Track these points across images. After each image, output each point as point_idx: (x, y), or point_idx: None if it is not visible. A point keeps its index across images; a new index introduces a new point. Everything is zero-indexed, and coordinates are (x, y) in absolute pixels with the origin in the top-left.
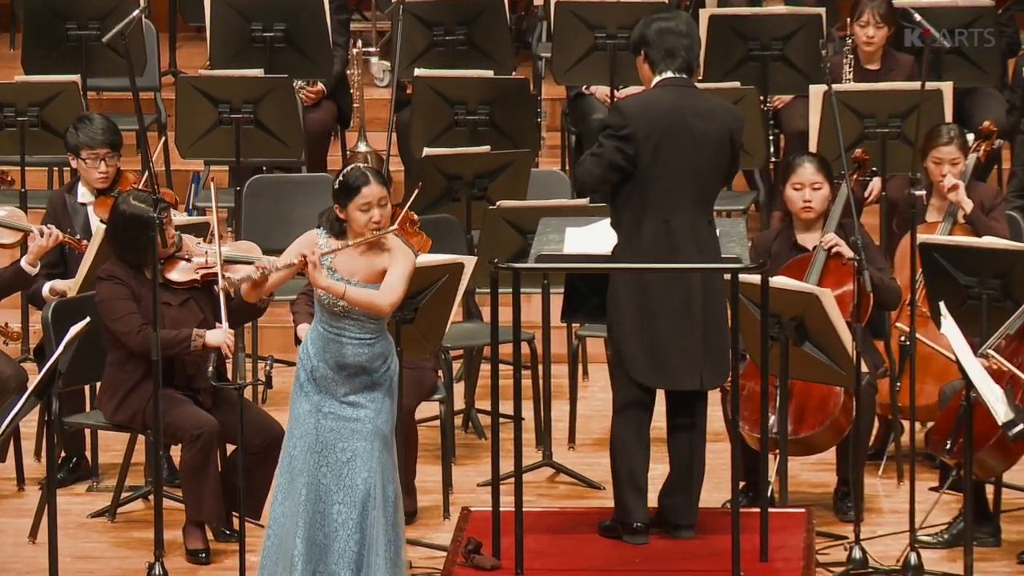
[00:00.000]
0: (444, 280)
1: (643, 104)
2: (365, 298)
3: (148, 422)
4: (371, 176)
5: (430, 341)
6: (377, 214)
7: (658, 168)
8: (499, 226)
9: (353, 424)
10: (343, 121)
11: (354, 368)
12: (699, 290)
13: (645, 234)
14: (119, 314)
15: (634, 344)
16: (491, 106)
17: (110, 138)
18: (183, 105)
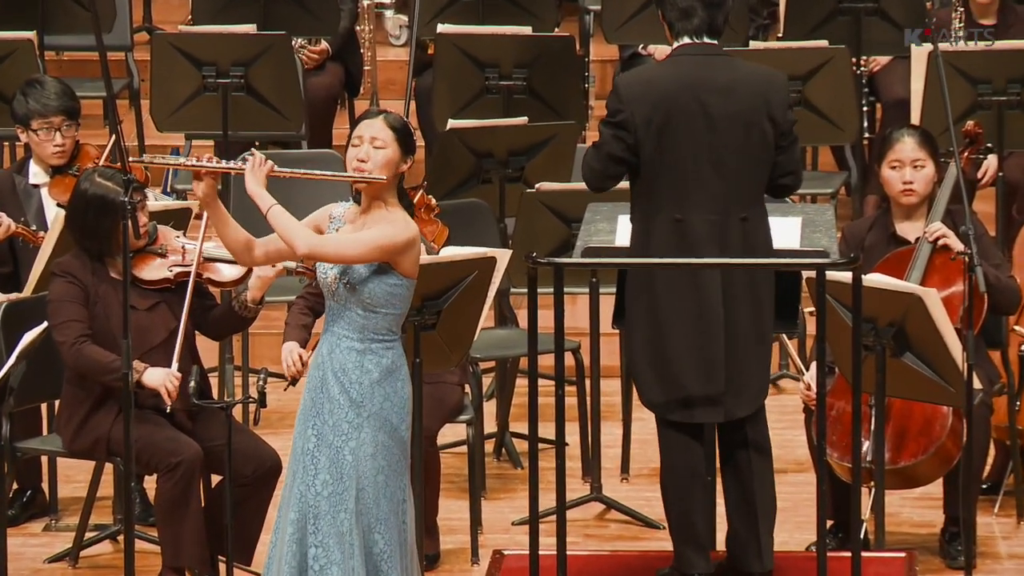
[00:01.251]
0: (472, 278)
1: (644, 81)
2: (285, 226)
3: (116, 448)
4: (385, 115)
5: (455, 351)
6: (364, 152)
7: (665, 158)
8: (538, 213)
9: (333, 453)
10: (351, 87)
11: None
12: (717, 297)
13: (654, 236)
14: (59, 319)
15: (644, 364)
16: (529, 69)
17: (65, 104)
18: (160, 68)
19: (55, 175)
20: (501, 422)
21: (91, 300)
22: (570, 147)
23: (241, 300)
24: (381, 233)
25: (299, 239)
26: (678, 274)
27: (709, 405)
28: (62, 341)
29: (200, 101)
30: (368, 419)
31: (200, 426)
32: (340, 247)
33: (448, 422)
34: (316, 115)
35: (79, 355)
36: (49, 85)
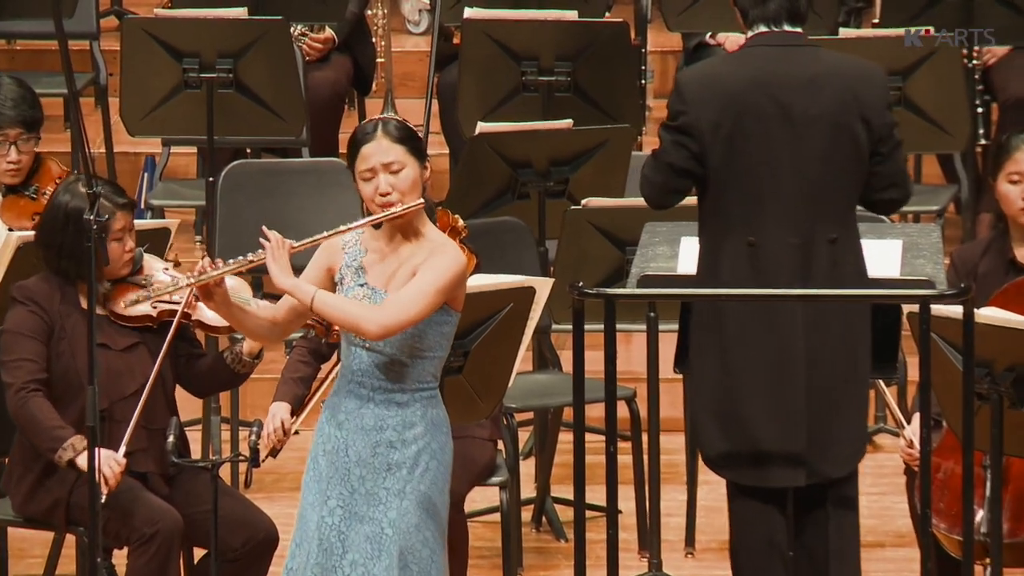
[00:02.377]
0: (506, 312)
1: (711, 78)
2: (344, 310)
3: (79, 516)
4: (384, 127)
5: (486, 400)
6: (384, 183)
7: (736, 169)
8: (586, 234)
9: (368, 527)
10: (361, 83)
11: (376, 437)
12: (799, 335)
13: (723, 263)
14: (12, 355)
15: (708, 416)
16: (574, 62)
17: (24, 113)
18: (132, 60)
19: (8, 194)
20: (541, 485)
21: (55, 335)
22: (623, 156)
23: (235, 352)
24: (438, 275)
25: (369, 323)
26: (752, 308)
27: (787, 466)
28: (9, 383)
29: (180, 100)
30: (413, 483)
31: (180, 490)
32: (410, 310)
33: (478, 485)
34: (319, 116)
35: (23, 406)
36: (5, 87)
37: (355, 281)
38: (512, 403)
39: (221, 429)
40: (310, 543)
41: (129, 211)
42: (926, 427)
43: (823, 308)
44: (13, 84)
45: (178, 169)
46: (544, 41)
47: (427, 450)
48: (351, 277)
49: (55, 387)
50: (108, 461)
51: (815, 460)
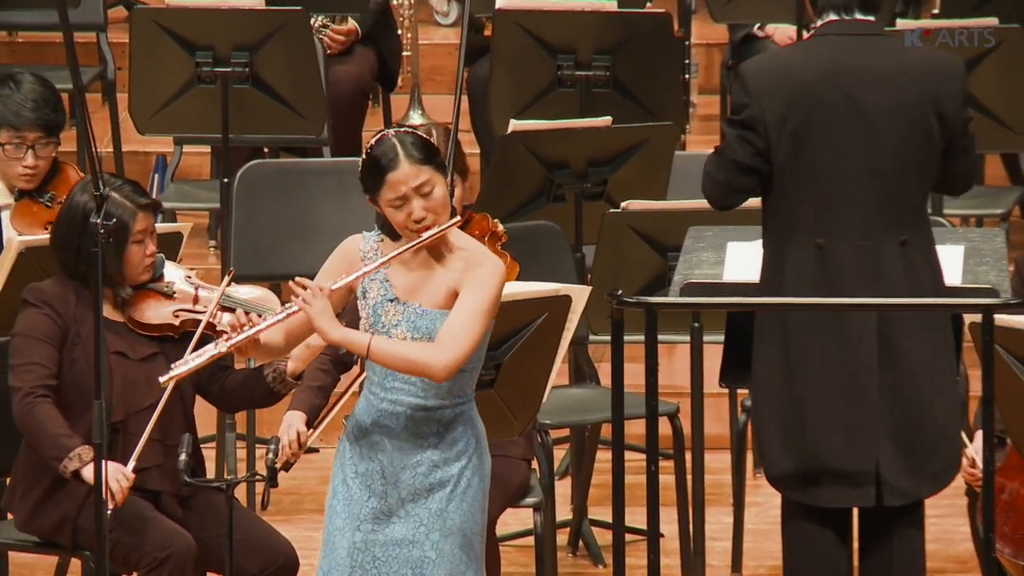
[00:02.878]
0: (540, 322)
1: (777, 69)
2: (404, 356)
3: (84, 539)
4: (405, 149)
5: (519, 416)
6: (419, 208)
7: (803, 166)
8: (625, 239)
9: (407, 551)
10: (386, 78)
11: (415, 457)
12: (873, 346)
13: (789, 266)
14: (22, 359)
15: (772, 431)
16: (614, 56)
17: (46, 116)
18: (142, 53)
19: (22, 198)
20: (578, 506)
21: (69, 340)
22: (665, 155)
23: (279, 370)
24: (485, 293)
25: (436, 367)
26: (819, 314)
27: (857, 485)
28: (17, 387)
29: (193, 95)
30: (455, 502)
31: (193, 512)
32: (469, 340)
33: (510, 506)
34: (341, 114)
35: (29, 411)
36: (26, 86)
37: (383, 295)
38: (547, 419)
39: (236, 447)
40: (341, 570)
41: (151, 212)
42: (989, 445)
43: (897, 314)
44: (35, 83)
45: (191, 169)
46: (581, 33)
47: (470, 466)
48: (377, 291)
49: (67, 395)
50: (116, 475)
51: (888, 480)
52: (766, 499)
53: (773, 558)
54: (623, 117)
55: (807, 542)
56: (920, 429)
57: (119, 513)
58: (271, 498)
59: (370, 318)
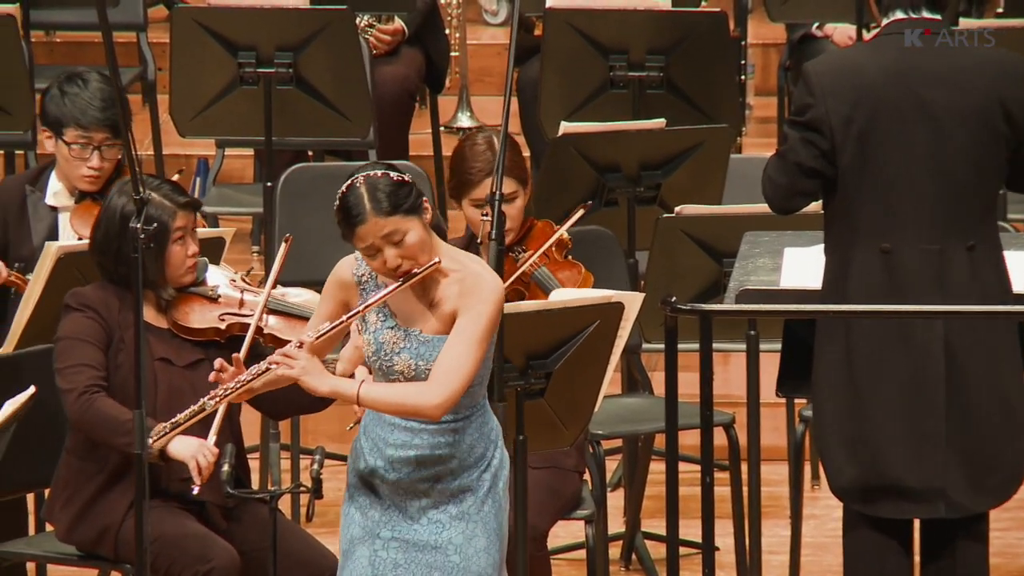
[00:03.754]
0: (592, 330)
1: (842, 68)
2: (395, 402)
3: (125, 552)
4: (373, 200)
5: (570, 426)
6: (393, 257)
7: (869, 169)
8: (680, 245)
9: (430, 556)
10: (433, 79)
11: (427, 466)
12: (940, 355)
13: (853, 271)
14: (69, 361)
15: (836, 441)
16: (667, 56)
17: (113, 115)
18: (183, 53)
19: (83, 199)
20: (631, 519)
21: (114, 345)
22: (720, 158)
23: None
24: (480, 322)
25: (428, 407)
26: (884, 322)
27: (924, 497)
28: (69, 389)
29: (235, 97)
30: (476, 504)
31: (237, 523)
32: (462, 373)
33: (561, 518)
34: (387, 116)
35: (88, 408)
36: (93, 85)
37: (383, 323)
38: (599, 429)
39: (280, 457)
40: None
41: (190, 210)
42: None
43: (963, 322)
44: (102, 82)
45: (233, 173)
46: (634, 33)
47: (489, 469)
48: (377, 318)
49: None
50: (201, 451)
51: (956, 491)
52: (824, 511)
53: (832, 572)
54: (677, 119)
55: (868, 553)
56: (984, 441)
57: (161, 525)
58: (315, 510)
59: (372, 345)
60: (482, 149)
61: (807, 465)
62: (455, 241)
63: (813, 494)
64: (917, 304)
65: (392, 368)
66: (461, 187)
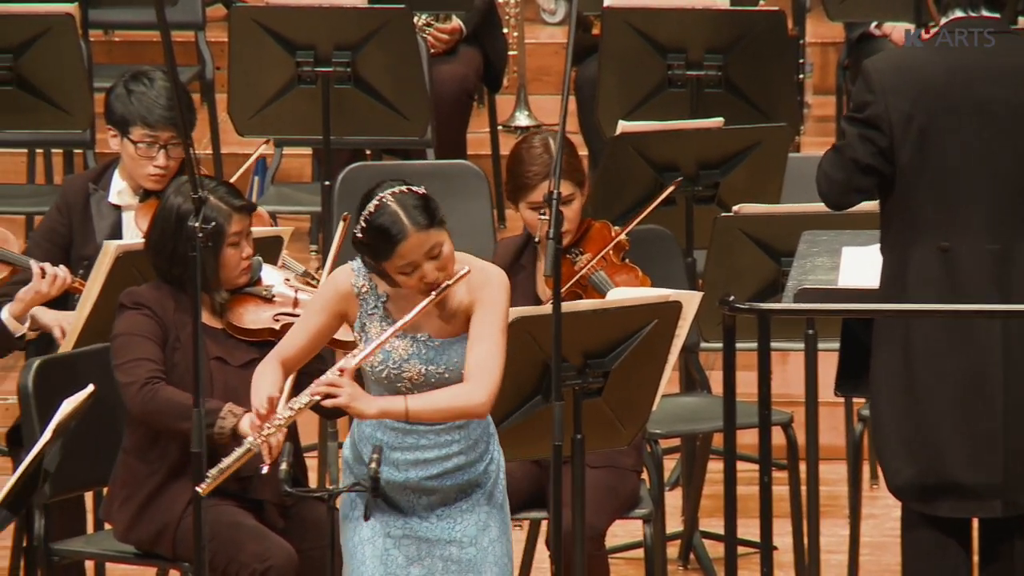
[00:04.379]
0: (650, 329)
1: (901, 66)
2: (443, 408)
3: (184, 550)
4: (410, 217)
5: (628, 425)
6: (431, 271)
7: (928, 166)
8: (738, 244)
9: (445, 551)
10: (491, 79)
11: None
12: (998, 353)
13: (912, 270)
14: (127, 357)
15: (893, 442)
16: (726, 55)
17: (177, 115)
18: (241, 52)
19: (146, 198)
20: (689, 518)
21: (169, 344)
22: (779, 158)
23: None
24: (498, 311)
25: (475, 406)
26: (942, 321)
27: (983, 495)
28: (130, 382)
29: (293, 96)
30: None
31: (295, 523)
32: (498, 363)
33: (619, 518)
34: (445, 115)
35: (152, 398)
36: (159, 84)
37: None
38: (657, 428)
39: (338, 456)
40: None
41: (246, 214)
42: None
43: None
44: (167, 81)
45: (291, 172)
46: (692, 32)
47: (493, 461)
48: (379, 328)
49: None
50: None
51: (1014, 490)
52: (883, 511)
53: (890, 571)
54: (735, 118)
55: (927, 552)
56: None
57: (218, 524)
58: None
59: (377, 355)
60: (538, 152)
61: (866, 464)
62: (512, 241)
63: (872, 493)
64: (976, 303)
65: (400, 375)
66: (518, 191)
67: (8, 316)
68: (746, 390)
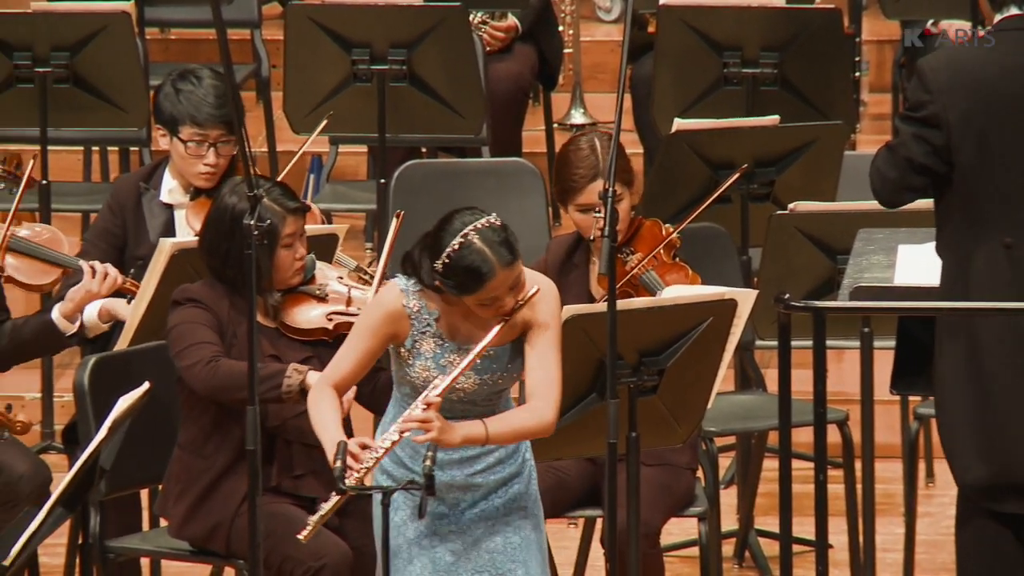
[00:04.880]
0: (705, 327)
1: (958, 65)
2: (517, 431)
3: (238, 547)
4: (497, 255)
5: (683, 423)
6: (511, 301)
7: (989, 165)
8: (793, 242)
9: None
10: (547, 77)
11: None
12: None
13: (976, 267)
14: (186, 343)
15: (963, 439)
16: (781, 52)
17: (227, 112)
18: (297, 50)
19: (197, 196)
20: (744, 516)
21: (226, 340)
22: (834, 156)
23: None
24: (553, 323)
25: (544, 423)
26: (1011, 317)
27: None
28: (192, 363)
29: (349, 94)
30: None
31: (350, 520)
32: (558, 377)
33: (674, 516)
34: (501, 112)
35: (216, 371)
36: (207, 82)
37: (442, 347)
38: (712, 426)
39: None
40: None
41: (300, 216)
42: None
43: None
44: (215, 79)
45: (347, 170)
46: (748, 30)
47: (525, 453)
48: (433, 344)
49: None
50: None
51: None
52: (939, 509)
53: (946, 570)
54: (791, 116)
55: (983, 546)
56: None
57: (273, 521)
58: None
59: (430, 371)
60: (585, 154)
61: (921, 463)
62: (564, 239)
63: (927, 491)
64: None
65: (455, 387)
66: (565, 193)
67: (59, 316)
68: (801, 388)
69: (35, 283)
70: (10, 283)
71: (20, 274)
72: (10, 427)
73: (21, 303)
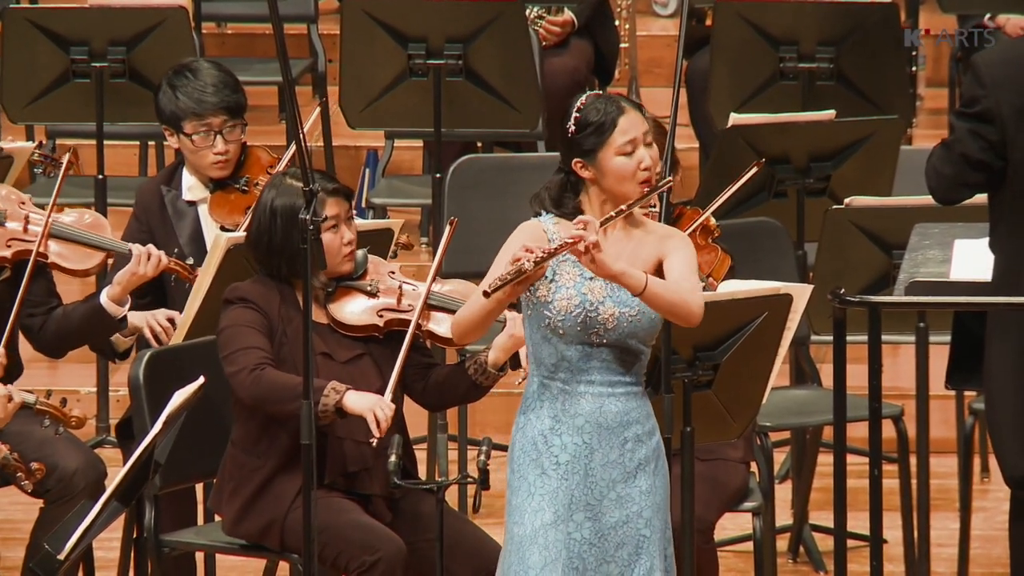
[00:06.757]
0: (760, 321)
1: (1011, 60)
2: (675, 296)
3: (292, 541)
4: (626, 102)
5: (738, 418)
6: (648, 157)
7: None
8: (849, 236)
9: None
10: (602, 71)
11: (619, 431)
12: None
13: None
14: (234, 347)
15: (1009, 434)
16: (838, 47)
17: (226, 98)
18: (353, 45)
19: (216, 190)
20: (798, 511)
21: (276, 338)
22: (891, 150)
23: (479, 362)
24: (692, 261)
25: (699, 308)
26: None
27: None
28: (238, 369)
29: (405, 88)
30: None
31: (403, 515)
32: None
33: (728, 510)
34: (557, 107)
35: (259, 380)
36: (204, 73)
37: (581, 275)
38: (766, 421)
39: (447, 448)
40: (554, 565)
41: (341, 197)
42: None
43: None
44: (212, 68)
45: (402, 164)
46: (805, 24)
47: (660, 438)
48: (573, 272)
49: None
50: (379, 404)
51: None
52: (994, 504)
53: (1001, 565)
54: (847, 110)
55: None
56: None
57: (327, 516)
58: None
59: (573, 299)
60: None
61: (976, 457)
62: None
63: (982, 486)
64: None
65: (596, 319)
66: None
67: (107, 300)
68: (856, 383)
69: (80, 268)
70: (55, 269)
71: (64, 260)
72: (65, 422)
73: (77, 292)
